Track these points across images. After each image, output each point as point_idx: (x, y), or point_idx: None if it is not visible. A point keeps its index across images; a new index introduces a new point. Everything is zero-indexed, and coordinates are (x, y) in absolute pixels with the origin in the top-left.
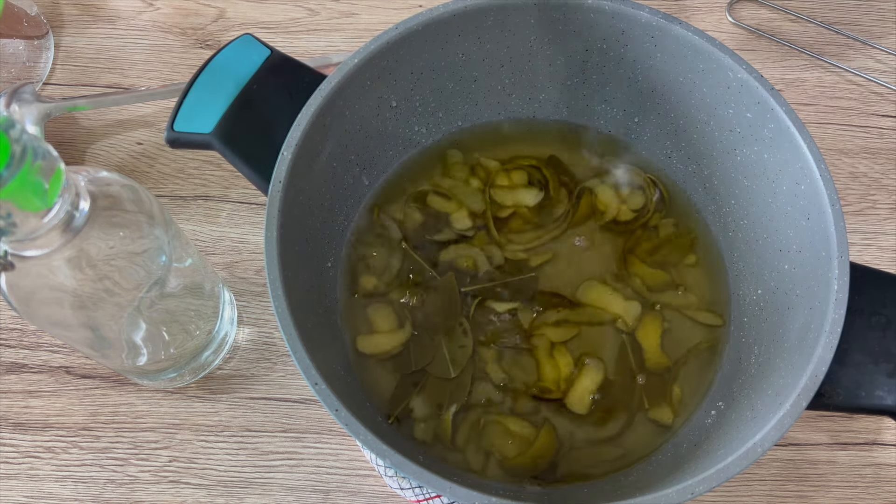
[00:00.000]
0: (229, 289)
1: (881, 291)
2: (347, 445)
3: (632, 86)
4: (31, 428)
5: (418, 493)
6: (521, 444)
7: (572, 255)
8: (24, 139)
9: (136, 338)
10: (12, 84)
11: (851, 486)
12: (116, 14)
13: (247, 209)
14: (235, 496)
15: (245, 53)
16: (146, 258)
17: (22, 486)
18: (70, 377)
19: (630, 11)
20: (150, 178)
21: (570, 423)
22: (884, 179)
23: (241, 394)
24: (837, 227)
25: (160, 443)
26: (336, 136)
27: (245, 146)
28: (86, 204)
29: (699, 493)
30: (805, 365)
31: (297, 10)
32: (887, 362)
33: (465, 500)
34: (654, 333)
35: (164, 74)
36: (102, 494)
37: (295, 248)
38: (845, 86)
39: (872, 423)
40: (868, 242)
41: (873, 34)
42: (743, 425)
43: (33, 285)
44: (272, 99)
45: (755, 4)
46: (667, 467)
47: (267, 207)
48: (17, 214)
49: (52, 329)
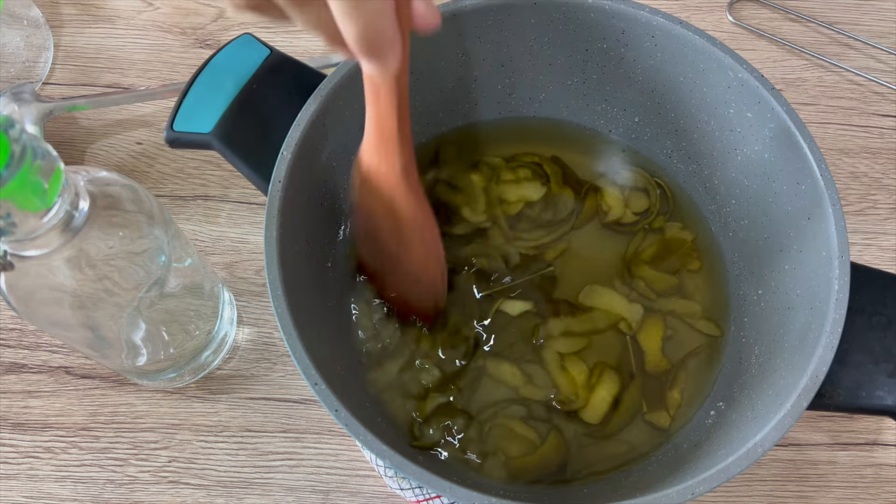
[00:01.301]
0: (229, 289)
1: (882, 291)
2: (347, 445)
3: (632, 86)
4: (31, 428)
5: (418, 494)
6: (527, 447)
7: (577, 256)
8: (24, 139)
9: (136, 338)
10: (12, 84)
11: (852, 487)
12: (116, 14)
13: (246, 209)
14: (235, 496)
15: (245, 53)
16: (146, 258)
17: (21, 486)
18: (70, 377)
19: (630, 11)
20: (149, 177)
21: (577, 428)
22: (884, 179)
23: (241, 394)
24: (838, 227)
25: (160, 443)
26: (336, 135)
27: (245, 146)
28: (85, 204)
29: (700, 494)
30: (806, 365)
31: None
32: (888, 362)
33: (465, 500)
34: (656, 336)
35: (164, 74)
36: (102, 495)
37: (295, 248)
38: (846, 85)
39: (873, 423)
40: (868, 242)
41: (874, 34)
42: (743, 425)
43: (33, 285)
44: (272, 99)
45: (755, 4)
46: (667, 467)
47: (267, 207)
48: (16, 214)
49: (51, 329)
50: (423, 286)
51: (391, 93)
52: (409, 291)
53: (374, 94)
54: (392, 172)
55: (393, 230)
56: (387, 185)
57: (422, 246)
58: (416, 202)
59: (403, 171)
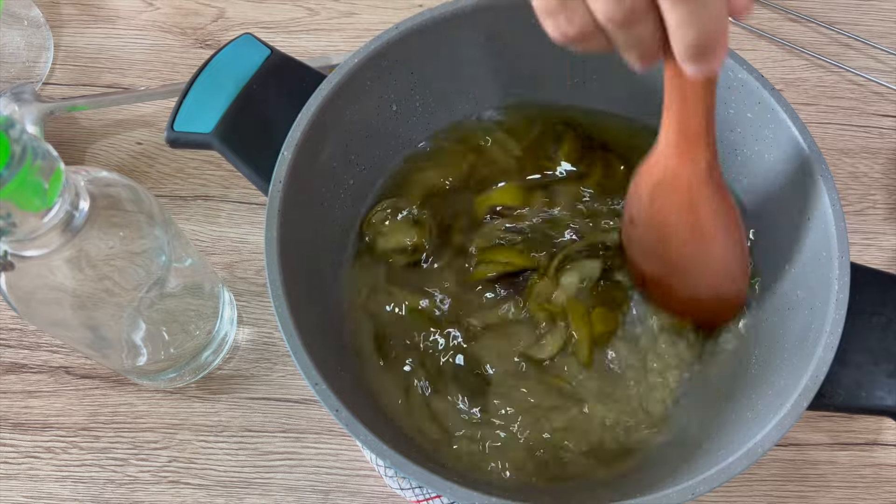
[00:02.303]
0: (229, 289)
1: (881, 291)
2: (347, 445)
3: (633, 86)
4: (31, 428)
5: (418, 494)
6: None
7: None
8: (24, 139)
9: (136, 338)
10: (12, 84)
11: (851, 487)
12: (116, 14)
13: (247, 209)
14: (235, 496)
15: (245, 53)
16: (146, 258)
17: (21, 486)
18: (70, 377)
19: None
20: (149, 178)
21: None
22: (884, 179)
23: (241, 394)
24: (838, 227)
25: (160, 443)
26: (336, 136)
27: (245, 146)
28: (85, 204)
29: (700, 494)
30: (806, 365)
31: (297, 10)
32: (888, 362)
33: (465, 500)
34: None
35: (164, 74)
36: (102, 494)
37: (295, 248)
38: (846, 86)
39: (873, 423)
40: (868, 242)
41: (874, 34)
42: (743, 425)
43: (33, 285)
44: (272, 99)
45: (755, 4)
46: (667, 467)
47: (267, 207)
48: (16, 214)
49: (51, 329)
50: (726, 279)
51: (705, 92)
52: (709, 290)
53: (681, 95)
54: (696, 172)
55: (692, 232)
56: (689, 186)
57: (729, 240)
58: (723, 199)
59: (709, 169)
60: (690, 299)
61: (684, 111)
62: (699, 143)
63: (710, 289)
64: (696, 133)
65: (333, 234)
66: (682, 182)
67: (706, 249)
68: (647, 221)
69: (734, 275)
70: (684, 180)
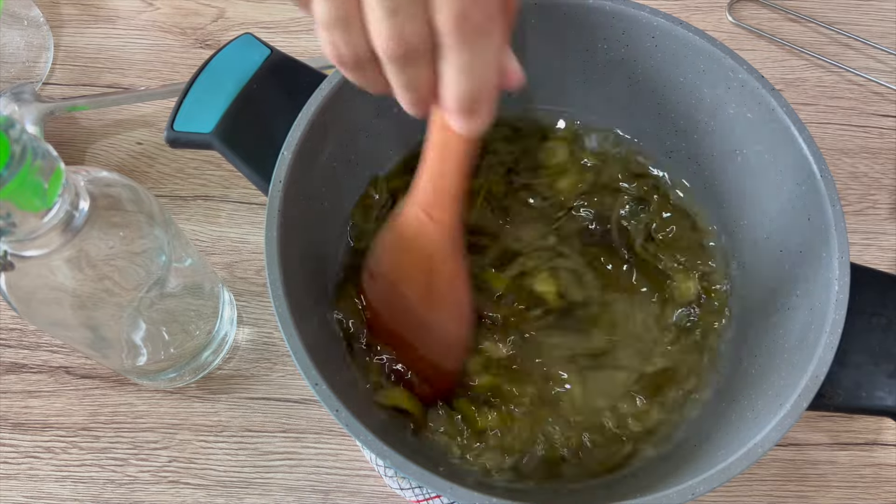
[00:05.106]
0: (229, 289)
1: (881, 292)
2: (347, 445)
3: (632, 86)
4: (31, 428)
5: (418, 494)
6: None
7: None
8: (24, 139)
9: (136, 338)
10: (12, 84)
11: (851, 487)
12: (116, 14)
13: (247, 209)
14: (235, 496)
15: (245, 53)
16: (146, 258)
17: (21, 486)
18: (70, 377)
19: (630, 11)
20: (149, 178)
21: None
22: (884, 179)
23: (241, 394)
24: (838, 228)
25: (160, 443)
26: (336, 135)
27: (245, 146)
28: (85, 204)
29: (700, 494)
30: (806, 365)
31: (297, 10)
32: (888, 363)
33: (465, 500)
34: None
35: (164, 74)
36: (102, 494)
37: (295, 248)
38: (845, 86)
39: (872, 423)
40: (868, 242)
41: (873, 34)
42: (743, 426)
43: (33, 285)
44: (272, 99)
45: (755, 4)
46: (667, 467)
47: (267, 207)
48: (16, 214)
49: (51, 329)
50: (446, 349)
51: (463, 151)
52: (430, 353)
53: (442, 150)
54: (441, 230)
55: (425, 288)
56: (432, 243)
57: (455, 307)
58: (458, 262)
59: (453, 230)
60: (419, 360)
61: (442, 167)
62: (451, 201)
63: (432, 354)
64: (449, 192)
65: (334, 234)
66: (427, 237)
67: (433, 314)
68: (388, 270)
69: (450, 349)
70: (429, 236)
